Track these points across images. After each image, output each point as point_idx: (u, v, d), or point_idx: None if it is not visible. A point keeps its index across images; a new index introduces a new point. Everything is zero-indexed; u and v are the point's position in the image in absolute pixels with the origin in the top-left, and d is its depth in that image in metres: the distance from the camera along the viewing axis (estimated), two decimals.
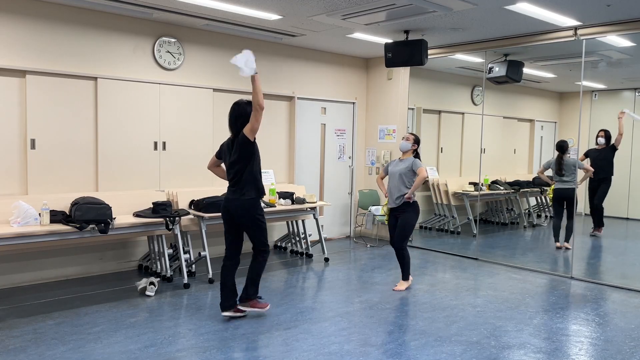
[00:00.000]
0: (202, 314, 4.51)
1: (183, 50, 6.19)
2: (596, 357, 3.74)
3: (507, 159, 9.46)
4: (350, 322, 4.37)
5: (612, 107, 9.66)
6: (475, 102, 8.94)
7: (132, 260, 6.00)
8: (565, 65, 7.84)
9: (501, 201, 9.12)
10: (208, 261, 5.57)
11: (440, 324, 4.34)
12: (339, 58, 7.88)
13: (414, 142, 5.35)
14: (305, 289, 5.38)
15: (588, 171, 7.17)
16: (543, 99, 9.87)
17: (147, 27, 5.91)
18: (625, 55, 7.00)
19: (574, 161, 7.01)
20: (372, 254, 7.07)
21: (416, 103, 8.06)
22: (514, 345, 3.91)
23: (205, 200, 5.60)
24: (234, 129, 4.26)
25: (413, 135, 5.40)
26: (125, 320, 4.29)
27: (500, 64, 7.05)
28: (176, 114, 6.18)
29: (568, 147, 7.15)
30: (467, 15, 5.47)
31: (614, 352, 3.83)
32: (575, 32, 5.85)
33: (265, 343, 3.88)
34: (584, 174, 7.13)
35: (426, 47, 6.20)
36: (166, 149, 6.12)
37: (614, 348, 3.89)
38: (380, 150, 8.09)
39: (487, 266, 6.50)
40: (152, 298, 4.92)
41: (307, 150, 7.59)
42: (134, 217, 5.27)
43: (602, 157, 7.41)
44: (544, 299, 5.14)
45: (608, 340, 4.04)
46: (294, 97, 7.33)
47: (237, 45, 6.66)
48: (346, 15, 5.48)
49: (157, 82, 6.00)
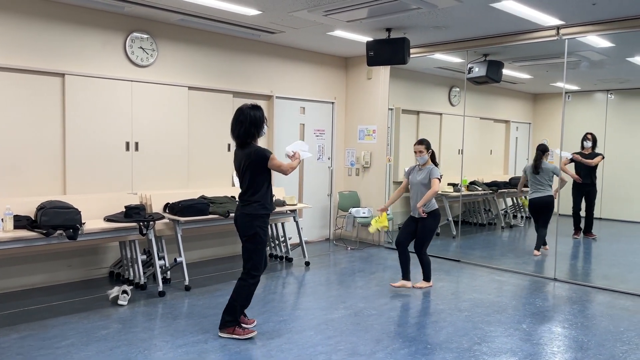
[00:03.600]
0: (179, 324, 4.26)
1: (156, 47, 5.92)
2: None
3: (484, 160, 9.46)
4: (336, 330, 4.19)
5: (585, 108, 9.77)
6: (453, 103, 8.89)
7: (103, 267, 5.69)
8: (542, 66, 7.85)
9: (479, 202, 9.10)
10: (184, 267, 5.31)
11: (429, 330, 4.20)
12: (318, 57, 7.71)
13: (427, 149, 5.31)
14: (286, 295, 5.18)
15: (564, 182, 6.89)
16: (518, 100, 9.91)
17: (119, 21, 5.62)
18: (604, 56, 7.03)
19: (553, 167, 6.83)
20: (352, 257, 6.92)
21: (395, 103, 7.96)
22: (506, 352, 3.80)
23: (181, 204, 5.34)
24: (237, 137, 3.98)
25: (423, 145, 5.31)
26: (97, 333, 4.02)
27: (480, 64, 6.99)
28: (149, 112, 5.90)
29: (548, 151, 6.99)
30: (451, 13, 5.36)
31: (608, 356, 3.75)
32: (558, 31, 5.81)
33: (247, 355, 3.66)
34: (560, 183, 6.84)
35: (408, 45, 6.08)
36: (139, 149, 5.83)
37: (607, 352, 3.82)
38: (360, 151, 7.94)
39: (469, 268, 6.42)
40: (124, 307, 4.65)
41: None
42: (105, 221, 4.98)
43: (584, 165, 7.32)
44: (530, 302, 5.06)
45: (600, 345, 3.96)
46: (272, 96, 7.12)
47: (213, 41, 6.42)
48: (328, 12, 5.31)
49: (128, 80, 5.71)
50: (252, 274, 3.97)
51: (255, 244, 3.95)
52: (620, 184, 9.20)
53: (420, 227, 5.31)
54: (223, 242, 6.72)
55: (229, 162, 6.66)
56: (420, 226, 5.30)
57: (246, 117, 3.92)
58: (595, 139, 7.67)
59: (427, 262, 5.47)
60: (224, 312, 4.01)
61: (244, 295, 3.99)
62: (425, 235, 5.33)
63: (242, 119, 3.93)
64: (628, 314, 4.74)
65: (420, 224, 5.30)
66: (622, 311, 4.81)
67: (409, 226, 5.41)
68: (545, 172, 6.80)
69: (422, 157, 5.30)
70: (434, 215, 5.31)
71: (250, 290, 4.00)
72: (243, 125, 3.92)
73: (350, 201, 7.82)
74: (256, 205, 3.94)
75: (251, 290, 4.01)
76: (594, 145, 7.61)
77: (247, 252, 3.98)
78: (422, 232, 5.31)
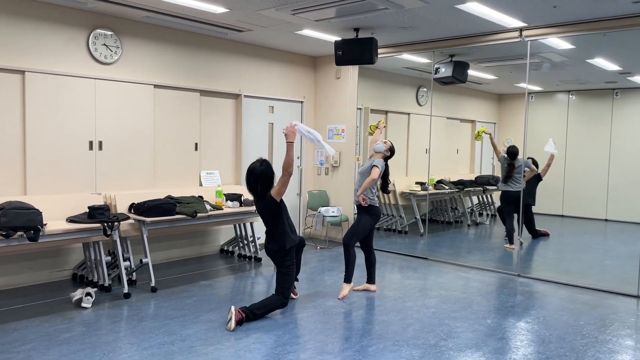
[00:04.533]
0: (145, 325, 4.19)
1: (121, 44, 5.80)
2: (552, 355, 3.75)
3: (451, 159, 9.62)
4: (304, 329, 4.20)
5: (547, 108, 10.04)
6: (420, 103, 9.01)
7: (66, 269, 5.55)
8: (506, 67, 8.02)
9: (446, 200, 9.25)
10: (150, 268, 5.23)
11: (397, 327, 4.25)
12: (287, 56, 7.69)
13: (389, 149, 5.20)
14: (255, 295, 5.15)
15: (533, 171, 7.30)
16: (484, 100, 10.11)
17: (81, 17, 5.49)
18: (565, 57, 7.23)
19: (526, 163, 7.13)
20: (322, 256, 6.93)
21: (364, 103, 8.01)
22: (471, 347, 3.87)
23: (147, 204, 5.25)
24: (256, 191, 4.46)
25: (391, 143, 5.25)
26: (59, 336, 3.91)
27: (446, 64, 7.09)
28: (114, 111, 5.78)
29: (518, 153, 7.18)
30: (417, 14, 5.43)
31: (568, 349, 3.86)
32: (521, 33, 5.95)
33: (215, 356, 3.63)
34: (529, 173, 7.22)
35: (376, 45, 6.13)
36: (103, 148, 5.71)
37: (568, 345, 3.93)
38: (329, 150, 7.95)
39: (436, 265, 6.51)
40: (88, 310, 4.54)
41: (254, 150, 7.34)
42: (68, 222, 4.86)
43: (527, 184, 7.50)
44: (495, 297, 5.17)
45: (561, 338, 4.08)
46: (240, 95, 7.06)
47: (180, 39, 6.34)
48: (296, 10, 5.30)
49: (92, 77, 5.58)
50: (281, 293, 4.52)
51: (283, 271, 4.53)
52: (580, 183, 9.49)
53: (356, 219, 5.24)
54: (191, 243, 6.64)
55: (196, 161, 6.62)
56: (357, 218, 5.23)
57: (263, 173, 4.40)
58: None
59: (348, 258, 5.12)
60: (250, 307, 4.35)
61: (270, 306, 4.48)
62: (357, 227, 5.13)
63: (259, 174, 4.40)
64: (587, 308, 4.89)
65: (357, 217, 5.24)
66: (582, 305, 4.96)
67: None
68: (519, 171, 7.09)
69: (382, 145, 5.15)
70: (372, 212, 5.14)
71: (276, 305, 4.53)
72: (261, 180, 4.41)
73: (320, 200, 7.83)
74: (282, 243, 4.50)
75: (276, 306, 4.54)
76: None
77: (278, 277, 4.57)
78: (356, 224, 5.17)
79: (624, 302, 5.11)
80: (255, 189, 4.42)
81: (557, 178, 8.97)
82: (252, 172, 4.43)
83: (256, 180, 4.40)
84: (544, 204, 8.23)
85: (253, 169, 4.42)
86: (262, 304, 4.42)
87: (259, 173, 4.39)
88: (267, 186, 4.41)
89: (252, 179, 4.43)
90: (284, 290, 4.50)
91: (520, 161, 7.11)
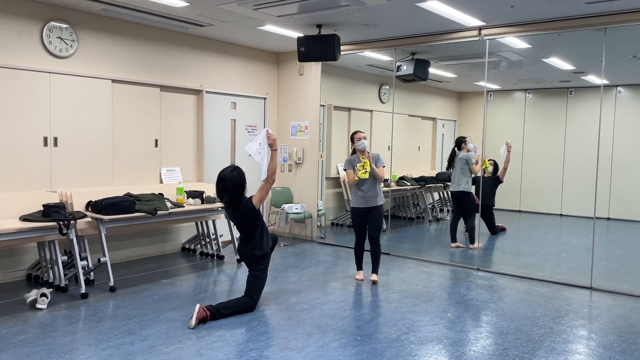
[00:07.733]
0: (104, 326, 4.09)
1: (77, 37, 5.63)
2: (509, 346, 3.85)
3: (412, 156, 9.75)
4: (268, 325, 4.18)
5: (505, 106, 10.31)
6: (383, 100, 9.09)
7: (20, 269, 5.36)
8: (466, 65, 8.19)
9: (408, 197, 9.37)
10: (109, 267, 5.10)
11: (360, 322, 4.28)
12: (250, 51, 7.62)
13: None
14: (217, 294, 5.09)
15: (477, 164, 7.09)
16: (444, 98, 10.30)
17: (34, 9, 5.29)
18: (522, 56, 7.42)
19: (466, 156, 7.03)
20: (285, 253, 6.91)
21: (327, 100, 8.02)
22: (432, 340, 3.93)
23: (105, 201, 5.12)
24: (229, 198, 4.36)
25: (363, 132, 5.51)
26: (13, 338, 3.78)
27: (408, 62, 7.18)
28: (70, 106, 5.61)
29: (465, 143, 7.21)
30: (379, 11, 5.47)
31: (525, 340, 3.97)
32: (480, 32, 6.07)
33: (177, 355, 3.57)
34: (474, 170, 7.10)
35: (339, 42, 6.14)
36: (58, 145, 5.53)
37: (524, 336, 4.04)
38: (292, 147, 7.94)
39: (398, 261, 6.59)
40: (44, 311, 4.40)
41: (216, 147, 7.26)
42: (21, 221, 4.69)
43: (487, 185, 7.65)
44: (455, 291, 5.27)
45: (518, 330, 4.19)
46: (202, 91, 6.96)
47: (139, 33, 6.19)
48: (258, 5, 5.26)
49: (46, 71, 5.39)
50: (250, 298, 4.50)
51: (256, 275, 4.52)
52: (537, 179, 9.79)
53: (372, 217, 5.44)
54: (151, 241, 6.51)
55: (156, 158, 6.49)
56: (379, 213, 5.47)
57: (235, 179, 4.31)
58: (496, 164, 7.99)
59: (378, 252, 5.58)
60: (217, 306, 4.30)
61: (237, 308, 4.41)
62: (381, 222, 5.59)
63: (234, 182, 4.31)
64: (544, 299, 5.04)
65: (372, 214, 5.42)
66: (539, 297, 5.11)
67: (360, 219, 5.50)
68: (458, 161, 7.06)
69: (366, 142, 5.41)
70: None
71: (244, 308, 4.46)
72: (228, 193, 4.32)
73: (283, 197, 7.81)
74: (258, 249, 4.49)
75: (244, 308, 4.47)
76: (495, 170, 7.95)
77: (249, 280, 4.54)
78: (380, 218, 5.54)
79: (578, 293, 5.29)
80: (227, 198, 4.35)
81: (514, 174, 9.22)
82: (222, 180, 4.33)
83: (226, 189, 4.32)
84: (502, 199, 8.45)
85: (224, 176, 4.33)
86: (229, 304, 4.38)
87: (230, 180, 4.31)
88: (239, 194, 4.34)
89: (221, 187, 4.34)
90: (254, 294, 4.48)
91: (460, 156, 7.04)
